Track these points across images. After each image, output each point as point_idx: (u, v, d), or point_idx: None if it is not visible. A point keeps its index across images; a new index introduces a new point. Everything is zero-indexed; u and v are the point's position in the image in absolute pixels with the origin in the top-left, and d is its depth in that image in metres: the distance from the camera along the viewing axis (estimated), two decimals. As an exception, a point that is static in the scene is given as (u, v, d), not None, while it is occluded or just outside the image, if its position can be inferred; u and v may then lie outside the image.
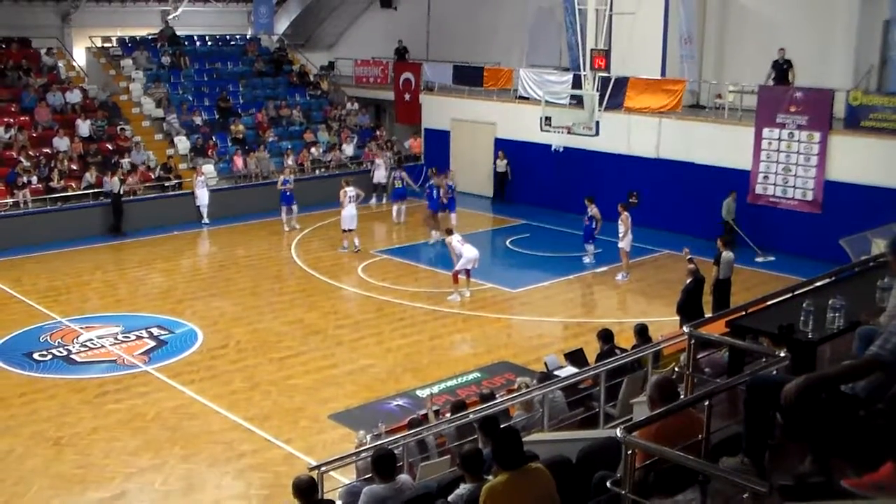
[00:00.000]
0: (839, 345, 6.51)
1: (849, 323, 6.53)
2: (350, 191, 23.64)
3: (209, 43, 35.36)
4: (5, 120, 27.10)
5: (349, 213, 23.51)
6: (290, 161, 29.17)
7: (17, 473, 12.39)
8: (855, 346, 5.78)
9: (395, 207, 27.30)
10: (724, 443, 5.45)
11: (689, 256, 16.89)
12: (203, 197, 26.82)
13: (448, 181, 25.73)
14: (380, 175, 29.49)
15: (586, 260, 22.57)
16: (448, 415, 11.07)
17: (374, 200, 29.12)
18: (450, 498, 6.75)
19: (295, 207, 26.05)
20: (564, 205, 27.65)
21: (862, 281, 8.02)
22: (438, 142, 32.05)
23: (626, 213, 21.18)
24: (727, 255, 17.24)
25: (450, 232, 20.75)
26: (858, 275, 8.49)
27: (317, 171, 29.99)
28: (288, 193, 26.05)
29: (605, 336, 12.81)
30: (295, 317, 19.02)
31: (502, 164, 29.57)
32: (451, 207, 25.61)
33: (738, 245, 21.09)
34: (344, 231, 23.67)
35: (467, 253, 19.76)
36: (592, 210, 22.07)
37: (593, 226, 22.17)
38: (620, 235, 21.18)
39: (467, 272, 19.98)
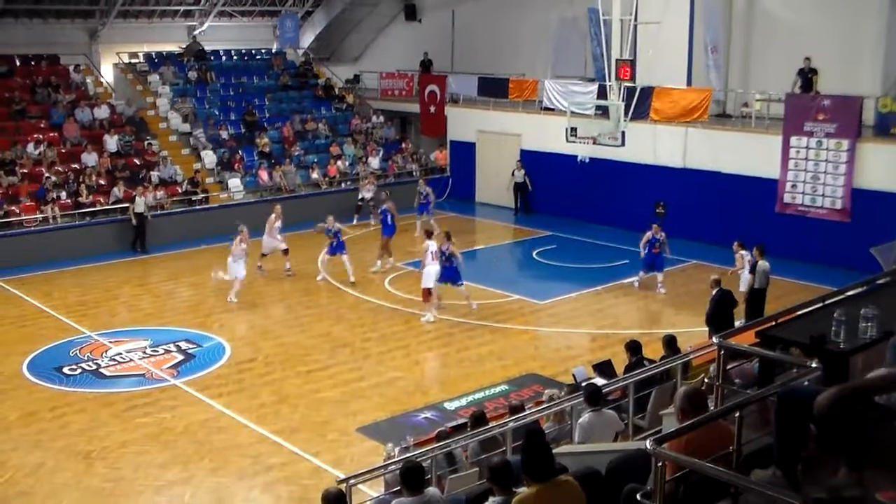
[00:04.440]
0: (872, 355, 6.43)
1: (882, 333, 6.45)
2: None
3: (235, 57, 35.64)
4: (35, 136, 27.38)
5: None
6: (314, 175, 29.41)
7: (48, 487, 12.47)
8: (888, 356, 5.70)
9: (418, 221, 26.96)
10: (755, 455, 5.40)
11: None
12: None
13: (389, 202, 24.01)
14: (366, 195, 28.30)
15: (664, 290, 20.98)
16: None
17: (362, 219, 28.12)
18: (478, 511, 6.72)
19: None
20: (591, 216, 27.62)
21: (894, 290, 7.94)
22: (464, 154, 32.09)
23: (742, 251, 18.53)
24: (763, 264, 17.00)
25: (429, 235, 20.05)
26: (890, 284, 8.40)
27: (342, 185, 30.07)
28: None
29: (633, 347, 12.73)
30: (322, 330, 19.05)
31: (520, 175, 29.51)
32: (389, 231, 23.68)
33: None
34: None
35: (431, 268, 19.24)
36: (661, 234, 20.63)
37: (664, 253, 20.82)
38: (737, 271, 18.74)
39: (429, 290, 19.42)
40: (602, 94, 25.70)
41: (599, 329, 19.00)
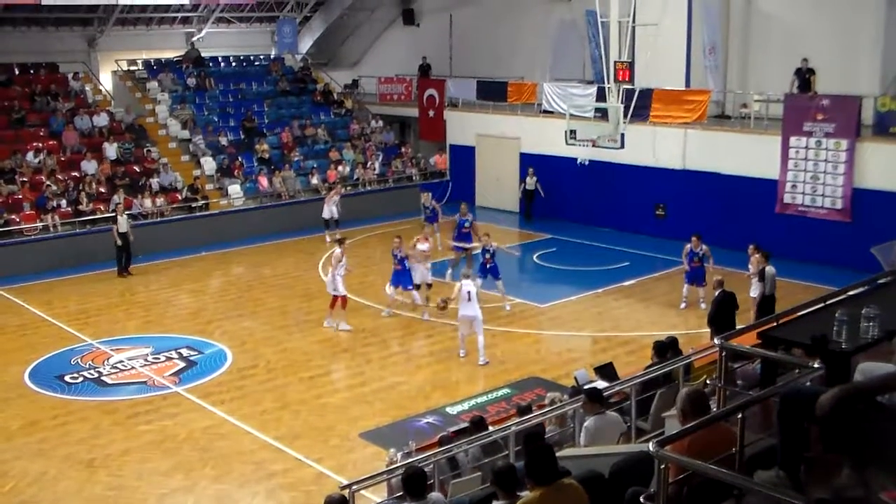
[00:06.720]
0: (874, 355, 6.42)
1: (883, 332, 6.44)
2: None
3: (233, 64, 35.65)
4: (34, 144, 27.39)
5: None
6: (314, 179, 29.42)
7: (51, 495, 12.46)
8: None
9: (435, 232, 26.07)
10: (758, 456, 5.38)
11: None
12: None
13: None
14: (329, 210, 27.17)
15: (705, 306, 19.06)
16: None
17: (327, 238, 26.48)
18: (482, 515, 6.71)
19: None
20: (591, 219, 27.62)
21: (895, 289, 7.93)
22: (463, 158, 32.09)
23: (757, 255, 17.45)
24: (770, 269, 16.88)
25: (341, 242, 19.82)
26: (891, 283, 8.39)
27: (343, 190, 30.02)
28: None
29: (660, 349, 12.26)
30: (323, 335, 19.03)
31: (532, 182, 29.38)
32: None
33: None
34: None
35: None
36: (701, 248, 19.50)
37: (705, 264, 19.62)
38: (750, 277, 17.75)
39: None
40: (601, 96, 25.71)
41: (600, 332, 18.99)
